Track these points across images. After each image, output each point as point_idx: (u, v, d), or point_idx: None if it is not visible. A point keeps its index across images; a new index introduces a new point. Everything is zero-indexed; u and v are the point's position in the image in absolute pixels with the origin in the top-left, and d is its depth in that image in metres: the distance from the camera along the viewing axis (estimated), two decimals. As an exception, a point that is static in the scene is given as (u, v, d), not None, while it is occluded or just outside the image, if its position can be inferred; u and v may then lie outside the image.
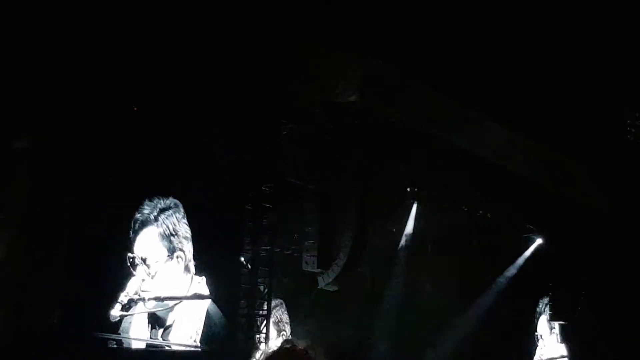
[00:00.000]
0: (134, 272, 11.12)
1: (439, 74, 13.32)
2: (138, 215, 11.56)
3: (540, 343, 20.71)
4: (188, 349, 11.98)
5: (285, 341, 3.25)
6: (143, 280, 10.98)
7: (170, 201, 11.78)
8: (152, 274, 11.41)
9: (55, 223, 10.66)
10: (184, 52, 11.41)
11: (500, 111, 15.00)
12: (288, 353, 3.20)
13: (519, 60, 13.90)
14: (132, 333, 11.25)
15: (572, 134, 16.08)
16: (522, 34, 12.89)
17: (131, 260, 11.21)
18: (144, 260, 11.36)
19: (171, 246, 11.81)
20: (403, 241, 16.53)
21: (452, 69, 13.33)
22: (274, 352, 3.24)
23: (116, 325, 10.99)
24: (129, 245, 11.28)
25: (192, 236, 11.98)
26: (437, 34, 12.34)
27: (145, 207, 11.63)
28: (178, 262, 11.81)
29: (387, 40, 12.48)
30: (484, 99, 14.40)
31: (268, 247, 13.07)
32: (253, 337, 12.75)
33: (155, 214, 11.77)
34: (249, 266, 12.86)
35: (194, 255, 11.89)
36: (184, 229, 11.85)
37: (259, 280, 12.95)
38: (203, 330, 12.06)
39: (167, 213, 11.84)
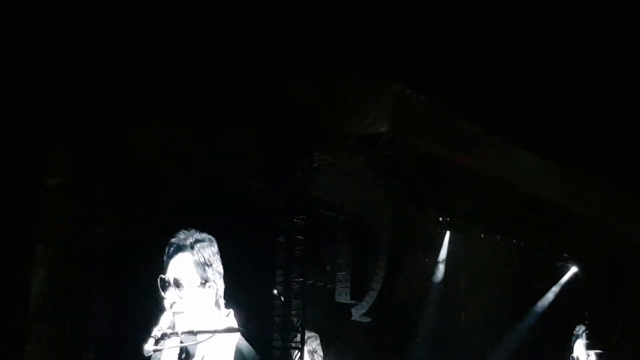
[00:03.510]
0: (164, 294, 11.12)
1: (470, 103, 13.31)
2: (174, 240, 11.54)
3: (576, 366, 20.42)
4: (219, 384, 11.91)
5: None
6: (176, 314, 10.98)
7: (206, 235, 11.78)
8: (183, 296, 11.40)
9: (90, 257, 10.76)
10: (216, 86, 11.52)
11: (533, 139, 14.93)
12: None
13: (551, 87, 13.85)
14: (162, 367, 11.22)
15: (605, 160, 15.95)
16: (553, 61, 12.85)
17: (162, 282, 11.20)
18: (176, 282, 11.35)
19: (205, 275, 11.74)
20: (436, 271, 16.44)
21: (483, 98, 13.32)
22: None
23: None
24: (162, 269, 11.28)
25: (229, 271, 11.97)
26: (466, 64, 12.34)
27: (181, 233, 11.64)
28: (209, 292, 11.80)
29: (417, 70, 12.51)
30: (516, 127, 14.36)
31: (301, 279, 13.04)
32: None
33: (192, 240, 11.76)
34: (282, 298, 12.84)
35: (224, 292, 11.84)
36: (218, 264, 11.83)
37: (292, 312, 12.92)
38: (234, 364, 12.01)
39: (203, 244, 11.82)
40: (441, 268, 16.45)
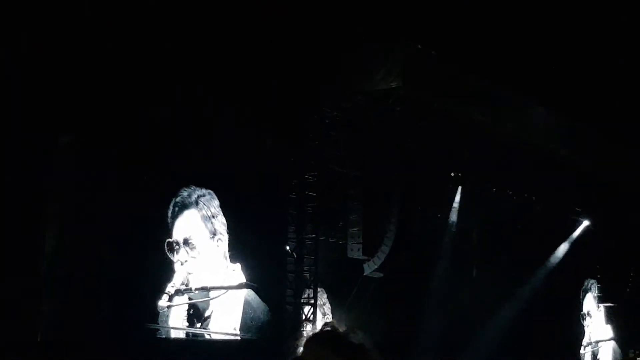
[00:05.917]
0: (173, 258, 11.20)
1: (482, 58, 13.20)
2: (178, 199, 11.63)
3: (587, 321, 20.52)
4: (228, 337, 12.14)
5: (326, 324, 3.12)
6: (189, 272, 11.07)
7: (206, 190, 11.86)
8: (195, 255, 11.48)
9: (102, 215, 10.78)
10: (228, 44, 11.47)
11: (545, 95, 14.82)
12: (330, 336, 3.05)
13: (566, 45, 13.71)
14: (171, 322, 11.35)
15: (619, 116, 15.84)
16: (568, 18, 12.70)
17: (169, 245, 11.28)
18: (186, 242, 11.43)
19: (213, 228, 11.89)
20: (448, 226, 16.43)
21: (496, 54, 13.20)
22: (315, 335, 3.09)
23: (157, 315, 11.10)
24: (168, 231, 11.35)
25: (236, 226, 12.06)
26: (479, 20, 12.21)
27: (184, 191, 11.71)
28: (218, 245, 11.88)
29: (429, 26, 12.40)
30: (529, 83, 14.25)
31: (313, 236, 13.10)
32: (300, 324, 12.81)
33: (195, 197, 11.85)
34: (294, 255, 12.90)
35: (229, 246, 11.96)
36: (222, 216, 11.91)
37: (305, 268, 13.00)
38: (243, 318, 12.15)
39: (205, 198, 11.91)
40: (453, 223, 16.43)
